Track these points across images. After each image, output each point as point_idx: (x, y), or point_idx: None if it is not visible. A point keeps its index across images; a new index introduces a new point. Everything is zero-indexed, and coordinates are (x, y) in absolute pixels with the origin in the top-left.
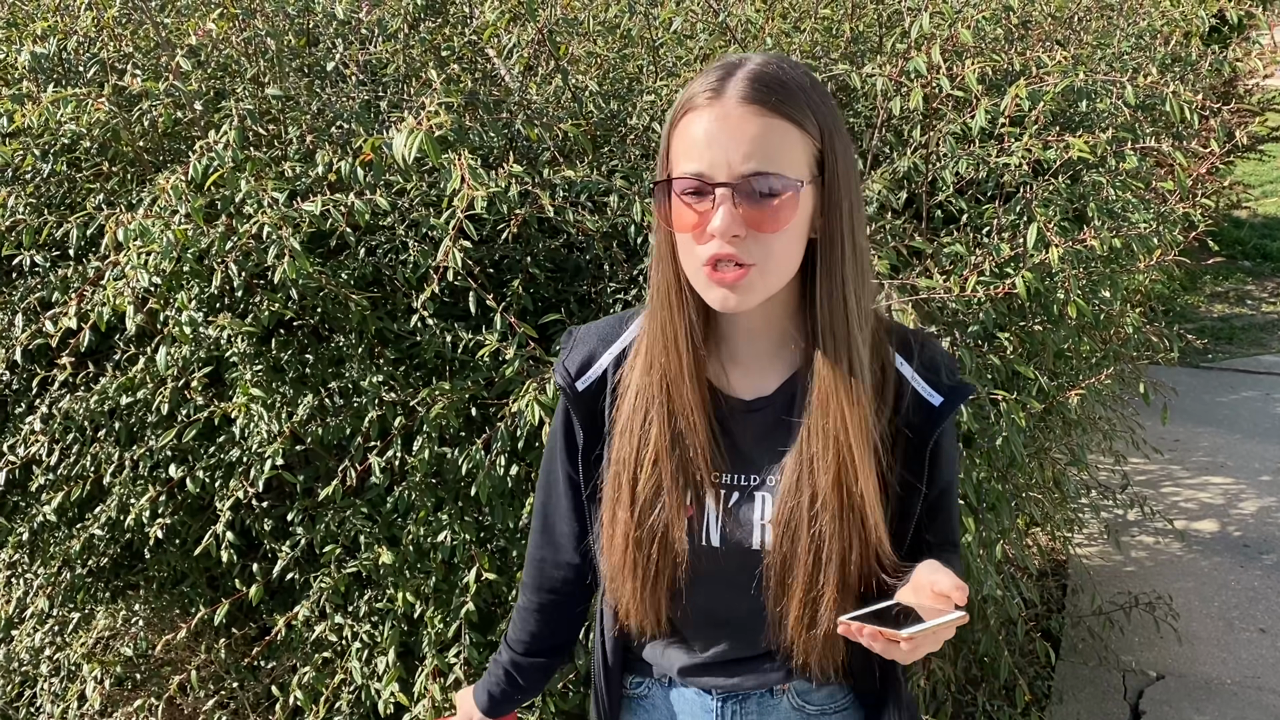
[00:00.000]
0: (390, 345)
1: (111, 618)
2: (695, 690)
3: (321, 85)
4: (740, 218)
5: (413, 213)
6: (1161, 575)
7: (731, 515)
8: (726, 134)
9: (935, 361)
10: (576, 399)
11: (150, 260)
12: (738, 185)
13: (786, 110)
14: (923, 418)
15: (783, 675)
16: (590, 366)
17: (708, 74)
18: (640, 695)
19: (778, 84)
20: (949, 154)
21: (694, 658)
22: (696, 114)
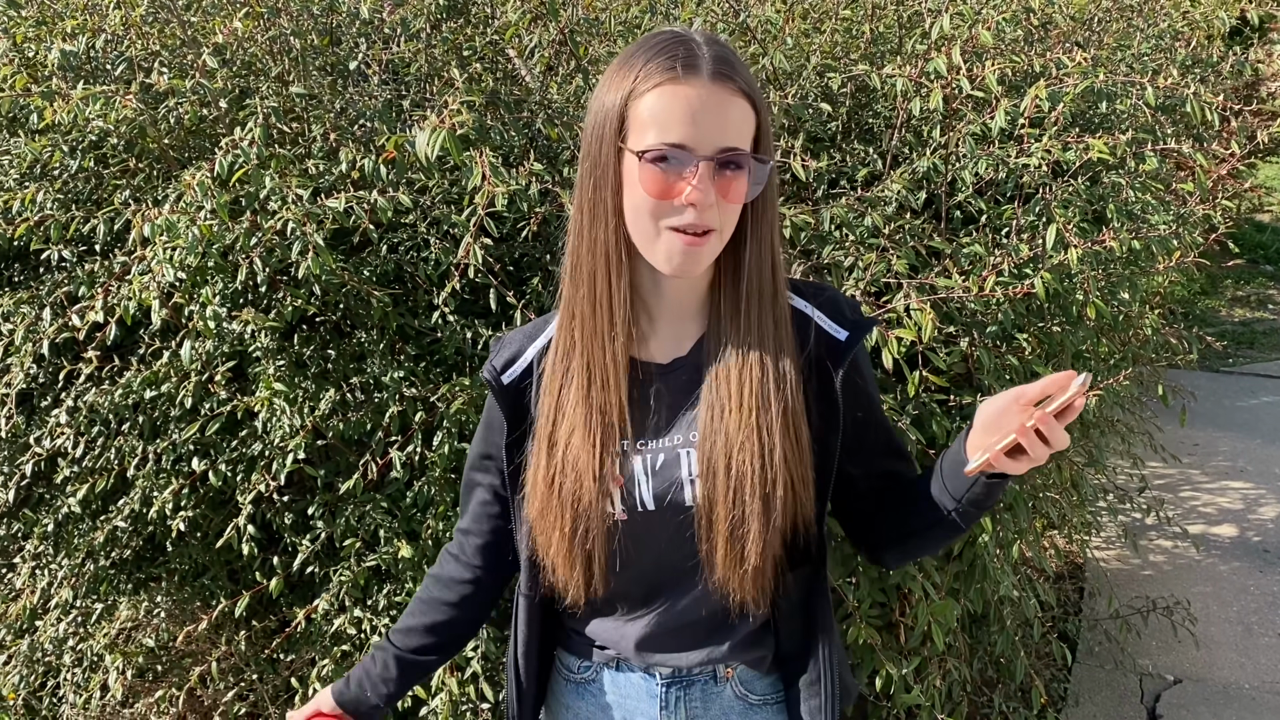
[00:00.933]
0: (411, 341)
1: (134, 609)
2: (641, 674)
3: (344, 84)
4: (714, 188)
5: (434, 210)
6: (1179, 580)
7: (659, 476)
8: (708, 111)
9: (836, 301)
10: (501, 391)
11: (176, 255)
12: (718, 159)
13: (744, 89)
14: (828, 351)
15: (726, 651)
16: (516, 361)
17: (661, 47)
18: (587, 679)
19: (737, 63)
20: (968, 155)
21: (644, 628)
22: (672, 88)
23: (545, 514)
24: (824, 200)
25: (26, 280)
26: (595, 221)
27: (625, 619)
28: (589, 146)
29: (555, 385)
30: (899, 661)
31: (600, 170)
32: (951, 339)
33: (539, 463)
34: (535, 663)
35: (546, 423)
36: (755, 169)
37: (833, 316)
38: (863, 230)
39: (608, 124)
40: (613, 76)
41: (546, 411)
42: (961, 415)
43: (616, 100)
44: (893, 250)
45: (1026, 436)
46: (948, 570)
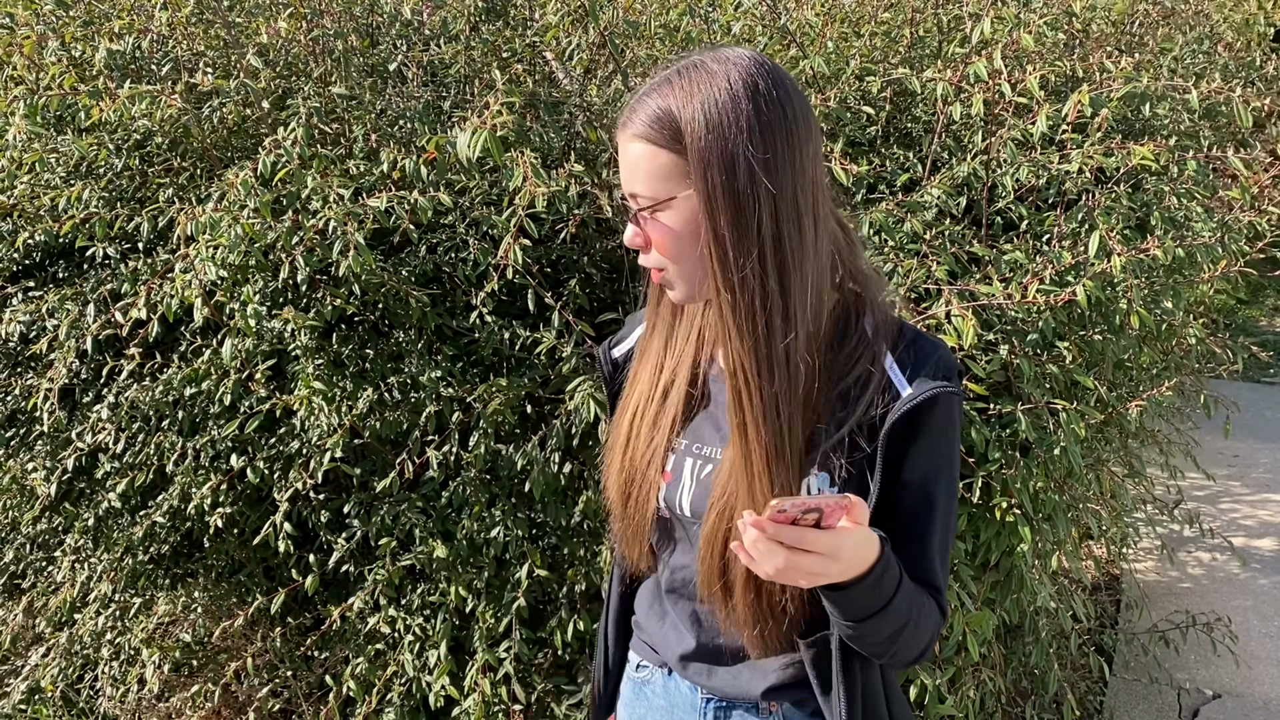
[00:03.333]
0: (449, 341)
1: (171, 604)
2: (689, 685)
3: (384, 85)
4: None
5: (473, 211)
6: (1219, 593)
7: (701, 485)
8: (623, 161)
9: (924, 357)
10: (604, 361)
11: (218, 254)
12: (630, 209)
13: (641, 132)
14: (885, 405)
15: (763, 690)
16: (626, 339)
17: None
18: (645, 679)
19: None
20: (1009, 160)
21: (684, 642)
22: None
23: (613, 484)
24: (863, 205)
25: (71, 277)
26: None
27: (673, 629)
28: None
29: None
30: (933, 671)
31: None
32: (991, 346)
33: (616, 433)
34: (620, 633)
35: (630, 395)
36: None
37: (906, 368)
38: (902, 236)
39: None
40: None
41: (633, 382)
42: (1001, 424)
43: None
44: (933, 256)
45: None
46: (984, 580)
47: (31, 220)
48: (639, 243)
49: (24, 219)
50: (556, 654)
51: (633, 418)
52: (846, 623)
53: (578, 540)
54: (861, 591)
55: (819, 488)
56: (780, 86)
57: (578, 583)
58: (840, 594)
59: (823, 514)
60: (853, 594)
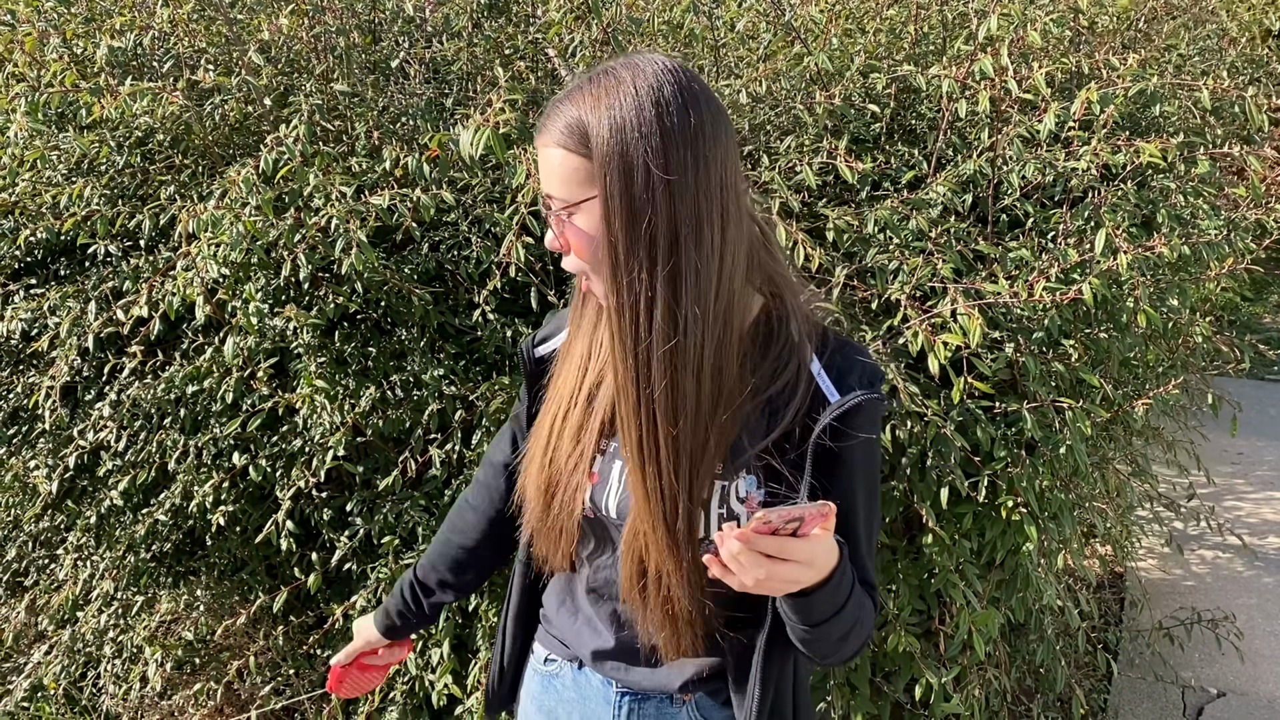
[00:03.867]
0: (451, 340)
1: (174, 602)
2: (601, 679)
3: (386, 82)
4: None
5: (476, 209)
6: (1223, 591)
7: (627, 485)
8: (540, 163)
9: (850, 364)
10: (526, 360)
11: (220, 251)
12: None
13: (566, 142)
14: (813, 411)
15: (680, 685)
16: (552, 338)
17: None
18: (553, 673)
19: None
20: (1015, 157)
21: (600, 640)
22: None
23: (532, 485)
24: (867, 202)
25: (72, 274)
26: None
27: (588, 626)
28: None
29: (565, 365)
30: (938, 670)
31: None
32: (996, 345)
33: (537, 435)
34: (522, 627)
35: (553, 398)
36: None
37: (836, 380)
38: (907, 234)
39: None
40: None
41: (556, 385)
42: (1006, 422)
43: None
44: (938, 254)
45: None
46: (989, 579)
47: (33, 218)
48: (557, 246)
49: (25, 216)
50: None
51: (553, 421)
52: (805, 627)
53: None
54: (824, 595)
55: (747, 490)
56: (687, 92)
57: None
58: (805, 599)
59: (803, 523)
60: (816, 598)
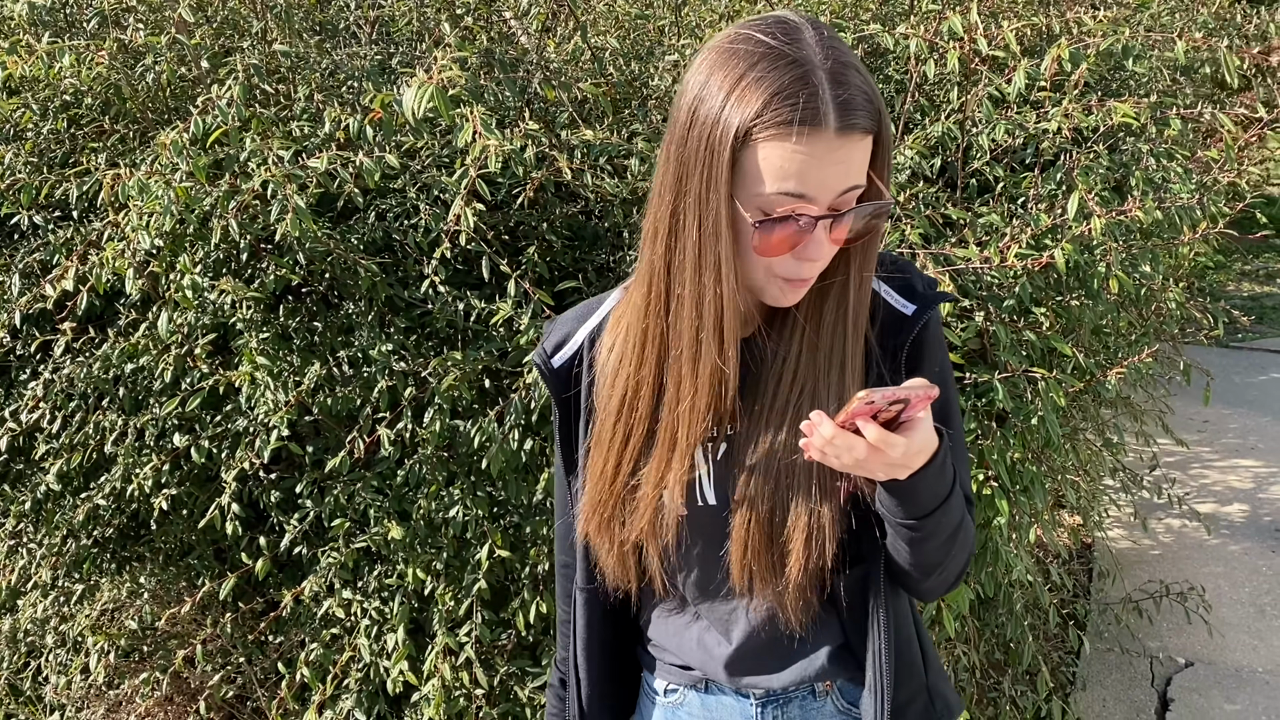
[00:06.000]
0: (401, 313)
1: (116, 589)
2: (734, 696)
3: (332, 44)
4: (829, 238)
5: (424, 174)
6: (1190, 560)
7: (721, 465)
8: (832, 164)
9: (908, 275)
10: (553, 375)
11: (152, 222)
12: (834, 211)
13: (872, 125)
14: (892, 328)
15: (819, 670)
16: (566, 343)
17: (781, 86)
18: (677, 703)
19: (864, 99)
20: (984, 120)
21: (724, 647)
22: (793, 146)
23: (598, 504)
24: None
25: None
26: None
27: (708, 633)
28: (689, 161)
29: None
30: None
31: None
32: (966, 313)
33: (600, 450)
34: (598, 663)
35: (610, 412)
36: (872, 207)
37: (902, 291)
38: None
39: (715, 162)
40: (721, 90)
41: (611, 398)
42: (976, 393)
43: (726, 132)
44: (906, 220)
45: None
46: None
47: None
48: (823, 253)
49: None
50: (519, 636)
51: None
52: (911, 520)
53: (540, 518)
54: (931, 476)
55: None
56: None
57: (540, 562)
58: (909, 484)
59: (907, 405)
60: (923, 479)
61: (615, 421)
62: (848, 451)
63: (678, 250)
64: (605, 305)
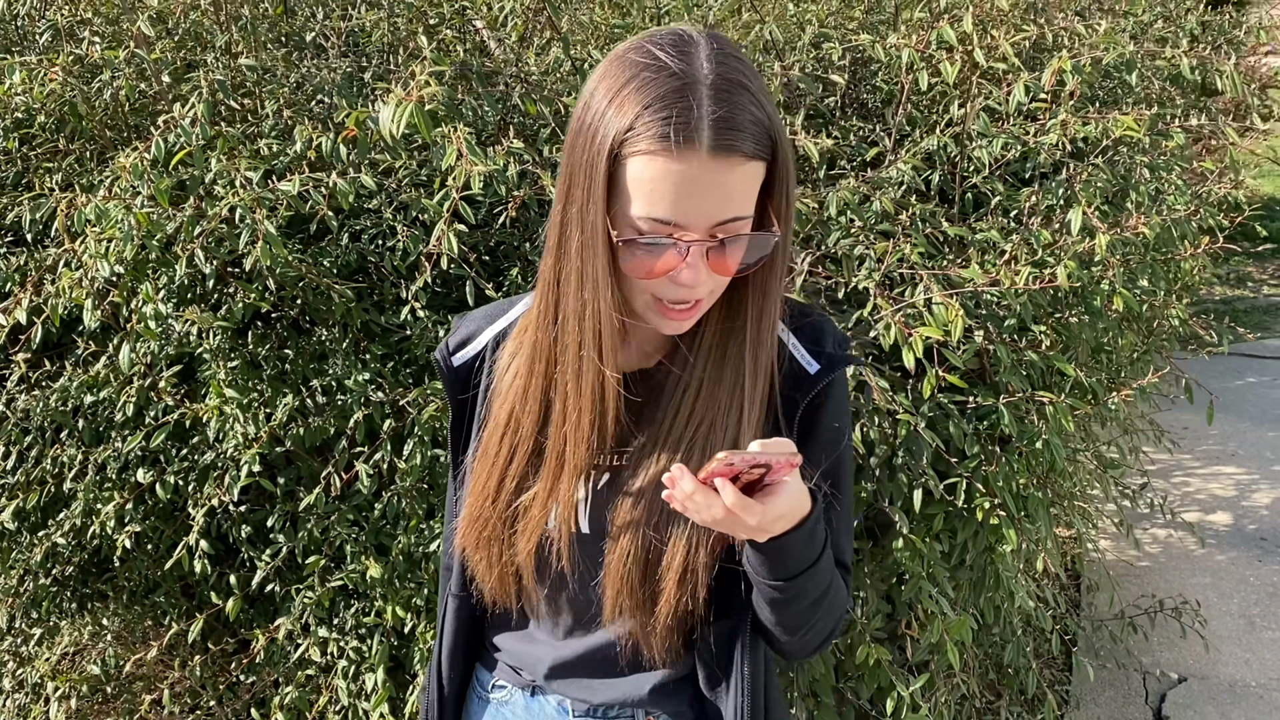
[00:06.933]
0: (378, 339)
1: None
2: (556, 702)
3: (300, 57)
4: (707, 266)
5: (401, 194)
6: (1177, 571)
7: (599, 497)
8: (705, 187)
9: (818, 329)
10: (451, 373)
11: (111, 248)
12: (713, 239)
13: (750, 150)
14: (795, 384)
15: (644, 696)
16: (470, 342)
17: (658, 96)
18: (503, 700)
19: (748, 120)
20: (981, 133)
21: (559, 653)
22: (664, 161)
23: (478, 519)
24: (825, 181)
25: None
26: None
27: (543, 643)
28: (574, 170)
29: (518, 384)
30: (906, 679)
31: (584, 220)
32: (965, 333)
33: (485, 464)
34: (460, 670)
35: (498, 425)
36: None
37: (809, 346)
38: (870, 215)
39: (593, 173)
40: (605, 98)
41: (500, 409)
42: (978, 416)
43: (603, 143)
44: (904, 238)
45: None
46: (960, 579)
47: None
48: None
49: None
50: None
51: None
52: (777, 582)
53: None
54: (797, 541)
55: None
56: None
57: None
58: (775, 545)
59: (769, 470)
60: (789, 543)
61: (501, 435)
62: (706, 509)
63: (564, 261)
64: (516, 308)
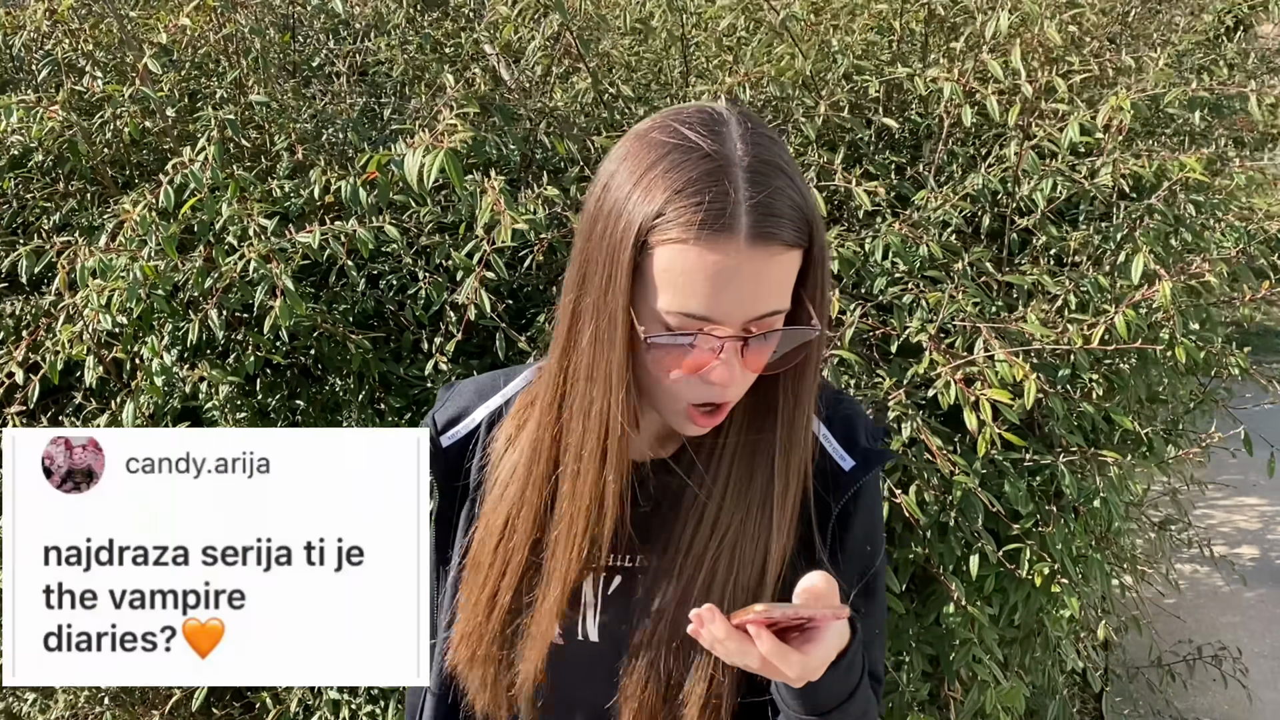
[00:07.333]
0: (395, 390)
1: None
2: None
3: (309, 88)
4: (741, 363)
5: (422, 238)
6: (1205, 610)
7: (610, 602)
8: (742, 279)
9: (851, 421)
10: (438, 455)
11: (114, 300)
12: (749, 336)
13: (790, 239)
14: (826, 485)
15: None
16: (460, 420)
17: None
18: None
19: (787, 206)
20: (1030, 171)
21: None
22: (695, 250)
23: (471, 635)
24: (863, 223)
25: None
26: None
27: None
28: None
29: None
30: None
31: (600, 312)
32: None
33: (478, 575)
34: None
35: (491, 531)
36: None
37: (844, 439)
38: (915, 260)
39: (615, 263)
40: (629, 180)
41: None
42: (1029, 471)
43: (627, 230)
44: (955, 285)
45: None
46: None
47: None
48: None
49: None
50: None
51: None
52: (810, 717)
53: None
54: (836, 674)
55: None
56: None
57: None
58: (808, 685)
59: (811, 621)
60: (826, 679)
61: (496, 544)
62: (739, 656)
63: (574, 354)
64: (513, 384)
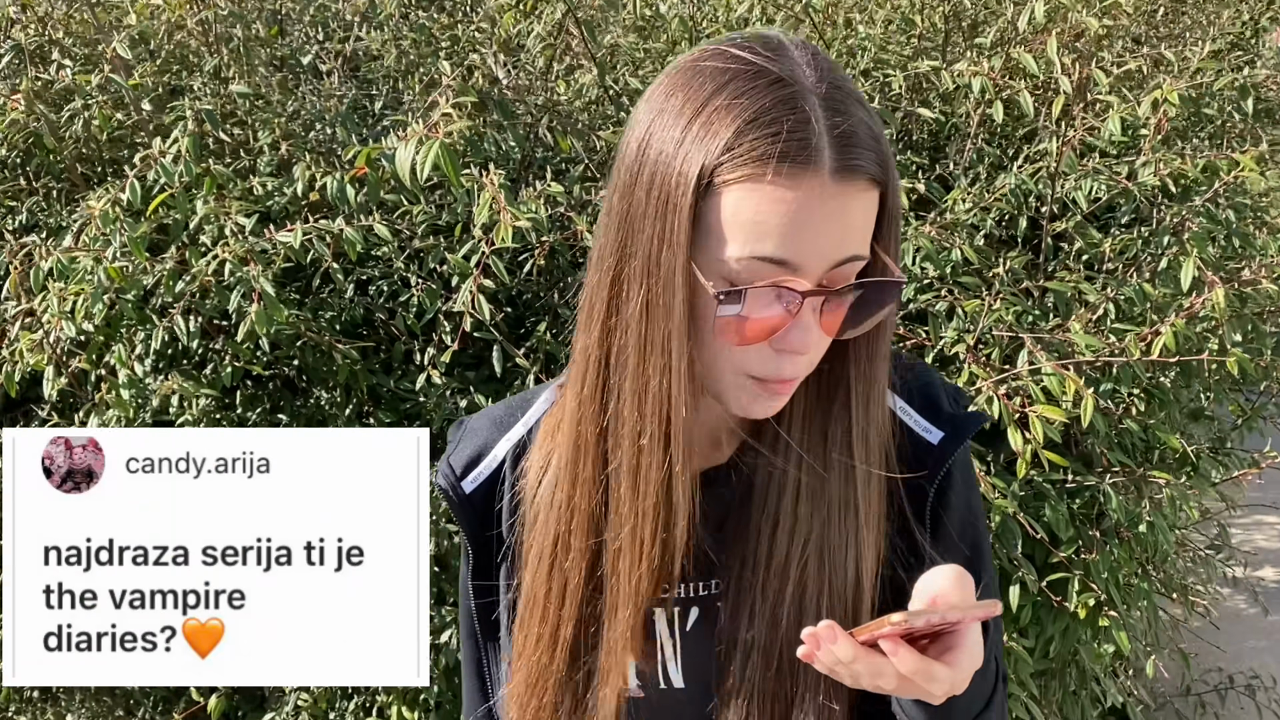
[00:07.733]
0: (385, 404)
1: None
2: None
3: (297, 82)
4: (819, 324)
5: (415, 240)
6: (1230, 634)
7: (691, 639)
8: (826, 220)
9: (929, 388)
10: (463, 504)
11: (78, 305)
12: (828, 291)
13: (880, 174)
14: (917, 461)
15: None
16: (480, 460)
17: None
18: None
19: (870, 137)
20: (1069, 170)
21: None
22: (771, 187)
23: (536, 684)
24: None
25: None
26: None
27: None
28: (635, 217)
29: (559, 498)
30: None
31: (653, 273)
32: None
33: (535, 613)
34: None
35: (542, 558)
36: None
37: (924, 410)
38: (948, 265)
39: (670, 214)
40: (679, 119)
41: (541, 540)
42: (1069, 493)
43: (686, 173)
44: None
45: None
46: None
47: None
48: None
49: None
50: None
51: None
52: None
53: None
54: (974, 684)
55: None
56: None
57: None
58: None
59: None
60: (958, 702)
61: (550, 569)
62: (871, 677)
63: (619, 331)
64: (534, 409)
